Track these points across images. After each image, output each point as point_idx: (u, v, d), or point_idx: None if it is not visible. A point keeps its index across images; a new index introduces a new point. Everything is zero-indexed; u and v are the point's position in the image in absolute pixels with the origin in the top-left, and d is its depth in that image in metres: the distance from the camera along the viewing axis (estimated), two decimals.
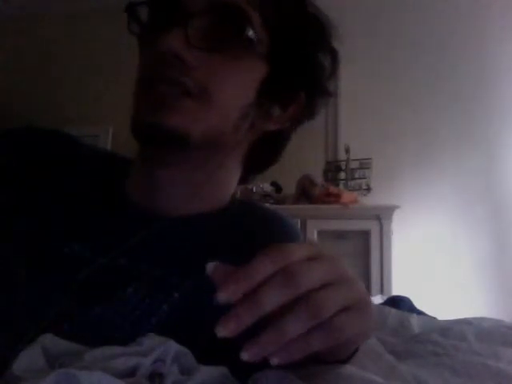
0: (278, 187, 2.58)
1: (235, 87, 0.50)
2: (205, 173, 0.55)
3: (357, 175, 2.63)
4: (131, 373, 0.36)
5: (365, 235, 2.28)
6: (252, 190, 2.49)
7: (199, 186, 0.55)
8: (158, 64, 0.47)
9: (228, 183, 0.59)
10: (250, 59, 0.51)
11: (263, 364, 0.31)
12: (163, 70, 0.47)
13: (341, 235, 2.29)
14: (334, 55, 0.57)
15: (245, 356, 0.29)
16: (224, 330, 0.28)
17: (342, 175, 2.67)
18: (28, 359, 0.36)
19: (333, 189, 2.41)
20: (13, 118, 2.56)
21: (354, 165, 2.63)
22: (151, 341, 0.39)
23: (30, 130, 0.61)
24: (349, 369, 0.38)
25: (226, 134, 0.52)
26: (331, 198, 2.33)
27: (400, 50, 2.75)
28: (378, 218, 2.28)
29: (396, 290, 2.16)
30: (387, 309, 0.76)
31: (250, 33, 0.49)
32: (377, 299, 1.41)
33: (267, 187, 2.55)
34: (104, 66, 3.05)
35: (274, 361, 0.30)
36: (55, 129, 0.63)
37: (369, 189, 2.59)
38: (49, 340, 0.39)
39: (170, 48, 0.46)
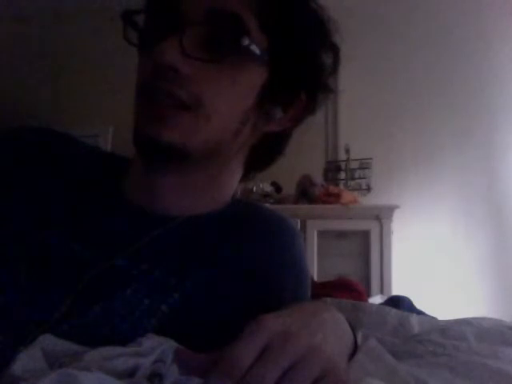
0: (278, 187, 2.58)
1: (233, 96, 0.50)
2: (206, 178, 0.55)
3: (357, 175, 2.62)
4: (131, 373, 0.36)
5: (365, 235, 2.28)
6: (252, 189, 2.49)
7: (200, 190, 0.56)
8: (154, 76, 0.47)
9: (229, 184, 0.59)
10: (249, 66, 0.50)
11: None
12: (159, 83, 0.47)
13: (341, 235, 2.28)
14: (335, 51, 0.56)
15: None
16: None
17: (342, 175, 2.66)
18: (28, 359, 0.36)
19: (333, 189, 2.41)
20: (13, 119, 2.56)
21: (354, 165, 2.62)
22: (151, 341, 0.39)
23: (28, 129, 0.61)
24: None
25: (226, 141, 0.52)
26: (331, 198, 2.33)
27: (400, 50, 2.75)
28: (378, 218, 2.28)
29: (396, 290, 2.16)
30: (387, 309, 0.76)
31: (247, 41, 0.48)
32: (377, 299, 1.41)
33: (267, 187, 2.54)
34: (104, 67, 3.05)
35: None
36: (53, 128, 0.63)
37: (369, 189, 2.58)
38: (49, 340, 0.39)
39: (165, 59, 0.46)
